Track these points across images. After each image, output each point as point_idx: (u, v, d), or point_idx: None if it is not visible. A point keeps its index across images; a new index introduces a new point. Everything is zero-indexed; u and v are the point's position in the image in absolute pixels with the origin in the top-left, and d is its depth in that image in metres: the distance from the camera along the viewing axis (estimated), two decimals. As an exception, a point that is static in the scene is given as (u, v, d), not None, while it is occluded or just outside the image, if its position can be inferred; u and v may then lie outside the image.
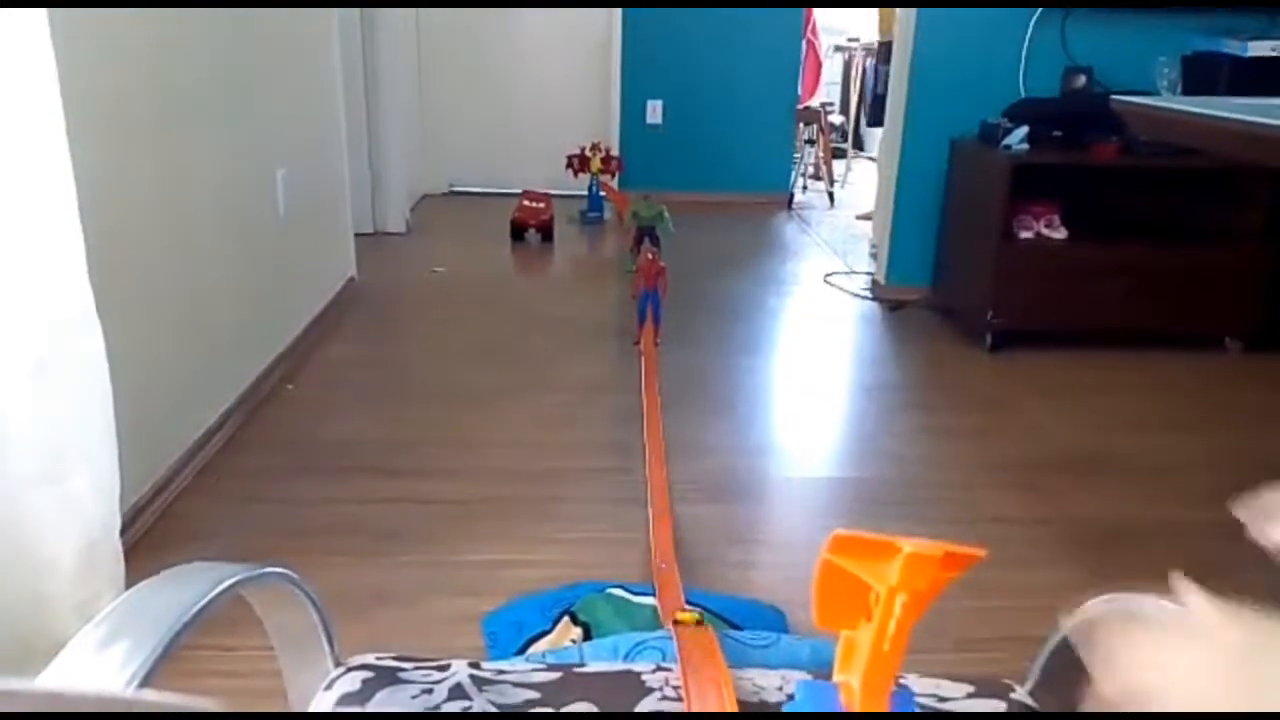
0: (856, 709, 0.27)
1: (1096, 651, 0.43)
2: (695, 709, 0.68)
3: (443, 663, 0.76)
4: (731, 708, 0.67)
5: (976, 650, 1.52)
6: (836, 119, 6.30)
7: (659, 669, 0.76)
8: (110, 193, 1.68)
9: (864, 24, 6.52)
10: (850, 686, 0.28)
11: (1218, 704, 0.39)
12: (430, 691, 0.71)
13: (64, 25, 1.29)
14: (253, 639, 0.72)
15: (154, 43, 1.88)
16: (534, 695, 0.71)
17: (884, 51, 5.26)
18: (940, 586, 0.26)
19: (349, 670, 0.74)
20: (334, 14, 3.19)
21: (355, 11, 3.96)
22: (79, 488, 1.33)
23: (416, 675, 0.74)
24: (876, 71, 5.73)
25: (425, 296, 3.57)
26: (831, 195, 5.64)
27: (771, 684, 0.75)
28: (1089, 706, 0.46)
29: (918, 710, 0.26)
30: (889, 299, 3.51)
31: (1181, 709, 0.41)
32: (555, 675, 0.74)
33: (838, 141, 6.24)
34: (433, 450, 2.22)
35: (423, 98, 5.14)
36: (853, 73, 6.62)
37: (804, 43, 5.53)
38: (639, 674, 0.75)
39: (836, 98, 6.86)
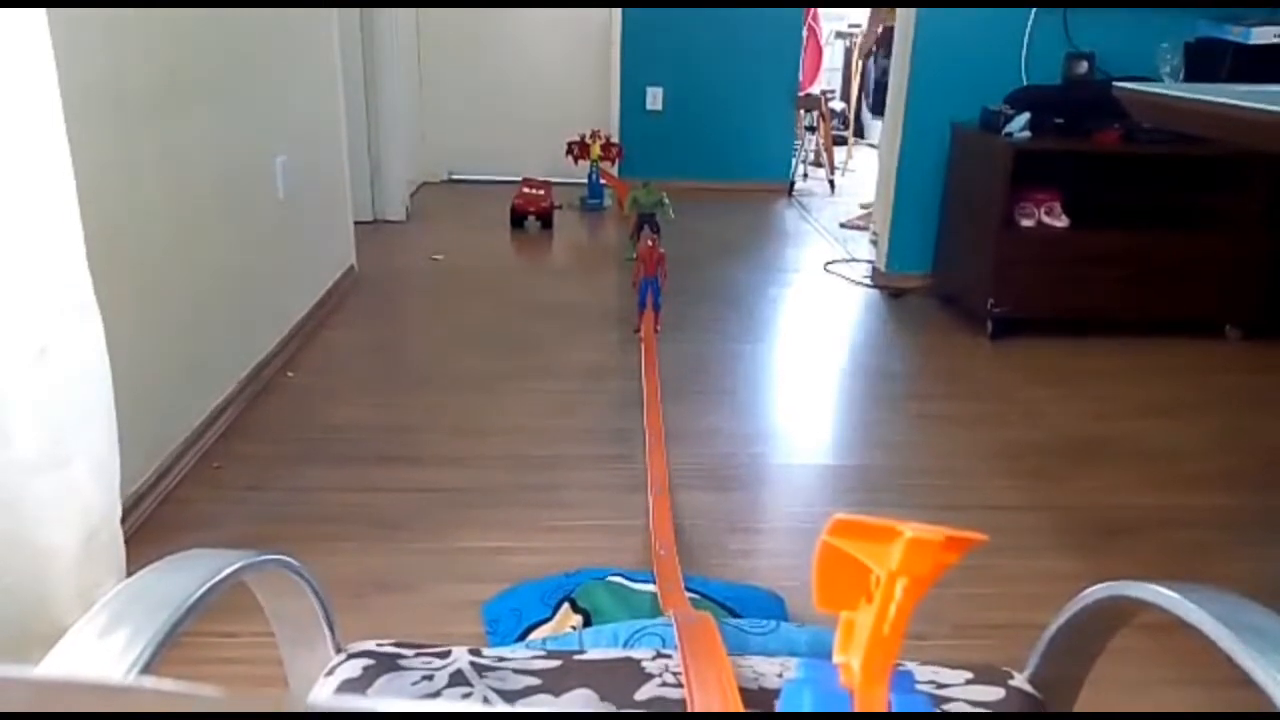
0: (856, 690, 0.27)
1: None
2: (695, 696, 0.68)
3: (443, 649, 0.76)
4: (732, 694, 0.67)
5: (974, 637, 1.53)
6: (837, 106, 6.28)
7: (659, 656, 0.77)
8: (110, 179, 1.67)
9: (865, 11, 6.48)
10: (850, 667, 0.28)
11: None
12: (431, 678, 0.72)
13: (62, 12, 1.29)
14: (254, 625, 0.72)
15: (153, 29, 1.87)
16: (534, 682, 0.71)
17: (886, 38, 5.23)
18: (941, 571, 0.27)
19: (350, 657, 0.74)
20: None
21: None
22: (79, 474, 1.33)
23: (417, 662, 0.74)
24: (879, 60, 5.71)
25: (425, 284, 3.57)
26: (832, 183, 5.63)
27: (771, 670, 0.75)
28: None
29: (917, 692, 0.26)
30: (889, 286, 3.51)
31: None
32: (555, 662, 0.74)
33: (838, 128, 6.22)
34: (433, 437, 2.22)
35: (422, 85, 5.12)
36: (854, 60, 6.60)
37: (805, 29, 5.51)
38: (639, 661, 0.76)
39: (837, 85, 6.84)
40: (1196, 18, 3.06)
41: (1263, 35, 2.87)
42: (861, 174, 5.90)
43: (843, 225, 4.65)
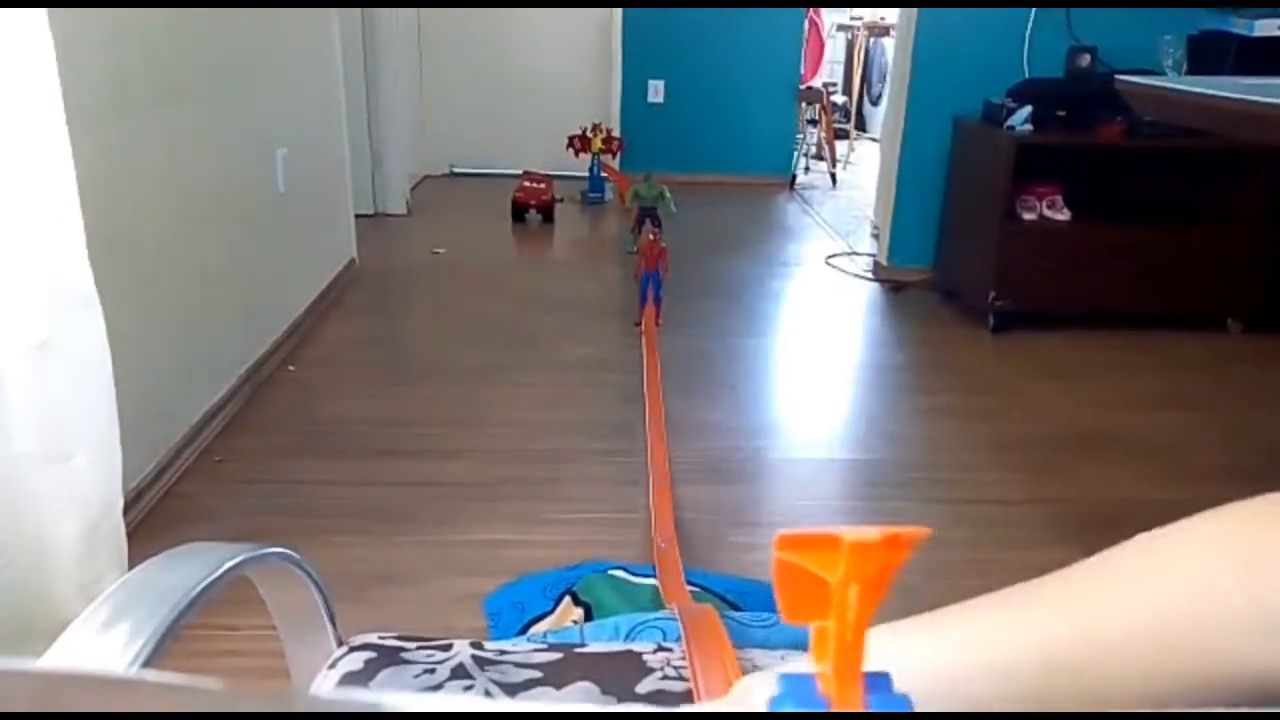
0: (833, 696, 0.28)
1: None
2: (701, 688, 0.68)
3: (445, 642, 0.76)
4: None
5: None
6: (839, 99, 6.26)
7: (660, 649, 0.77)
8: (110, 173, 1.67)
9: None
10: (826, 675, 0.28)
11: None
12: (432, 671, 0.72)
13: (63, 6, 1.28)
14: (255, 619, 0.72)
15: (154, 22, 1.86)
16: (536, 675, 0.71)
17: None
18: (891, 571, 0.27)
19: (352, 650, 0.74)
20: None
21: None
22: (81, 468, 1.33)
23: (419, 655, 0.74)
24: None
25: (426, 277, 3.57)
26: (834, 176, 5.62)
27: (772, 663, 0.75)
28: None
29: (896, 692, 0.26)
30: (891, 280, 3.50)
31: None
32: (557, 655, 0.74)
33: (840, 122, 6.21)
34: (434, 431, 2.22)
35: (423, 78, 5.11)
36: (855, 52, 6.59)
37: (806, 22, 5.49)
38: (640, 654, 0.76)
39: (839, 77, 6.83)
40: (1200, 10, 3.04)
41: (1267, 28, 2.85)
42: (863, 167, 5.89)
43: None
